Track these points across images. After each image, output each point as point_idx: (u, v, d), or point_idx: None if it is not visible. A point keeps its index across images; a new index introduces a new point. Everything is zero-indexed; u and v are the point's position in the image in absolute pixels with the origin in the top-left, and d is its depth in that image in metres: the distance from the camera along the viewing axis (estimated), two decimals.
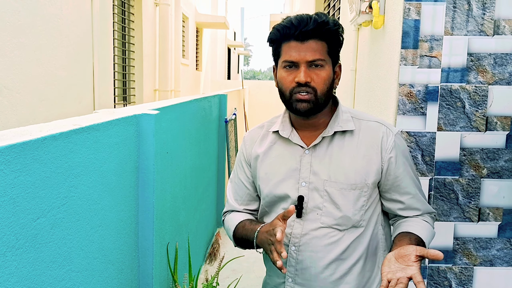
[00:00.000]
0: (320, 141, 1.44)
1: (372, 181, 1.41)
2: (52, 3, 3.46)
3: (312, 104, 1.37)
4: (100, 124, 1.74)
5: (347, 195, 1.40)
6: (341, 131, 1.43)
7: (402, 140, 1.47)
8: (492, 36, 1.90)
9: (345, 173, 1.40)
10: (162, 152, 2.61)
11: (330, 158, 1.42)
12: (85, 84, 4.11)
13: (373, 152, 1.41)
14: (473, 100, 1.93)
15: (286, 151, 1.49)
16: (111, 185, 1.89)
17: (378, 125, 1.45)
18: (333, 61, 1.41)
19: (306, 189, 1.43)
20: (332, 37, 1.38)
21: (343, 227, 1.41)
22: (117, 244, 1.99)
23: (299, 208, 1.42)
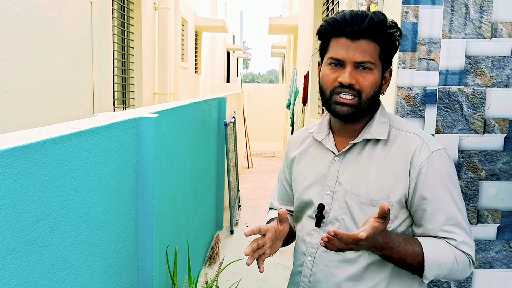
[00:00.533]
0: (350, 148, 1.35)
1: (397, 199, 1.27)
2: (51, 7, 3.47)
3: (354, 109, 1.28)
4: (100, 127, 1.75)
5: (366, 211, 1.28)
6: (374, 139, 1.32)
7: (442, 160, 1.27)
8: (490, 39, 1.91)
9: (367, 187, 1.29)
10: (161, 155, 2.61)
11: (357, 168, 1.32)
12: (84, 88, 4.12)
13: (401, 167, 1.27)
14: (471, 103, 1.94)
15: (319, 155, 1.42)
16: (111, 188, 1.89)
17: (415, 137, 1.30)
18: (384, 66, 1.31)
19: (329, 198, 1.35)
20: (387, 40, 1.28)
21: None
22: (117, 247, 1.99)
23: (318, 216, 1.35)
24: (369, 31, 1.24)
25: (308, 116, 6.01)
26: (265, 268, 1.57)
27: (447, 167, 1.28)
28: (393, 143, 1.31)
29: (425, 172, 1.25)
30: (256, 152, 12.66)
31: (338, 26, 1.26)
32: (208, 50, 13.04)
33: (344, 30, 1.25)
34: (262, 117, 14.38)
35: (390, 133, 1.32)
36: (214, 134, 5.33)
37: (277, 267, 4.70)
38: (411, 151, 1.28)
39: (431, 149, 1.27)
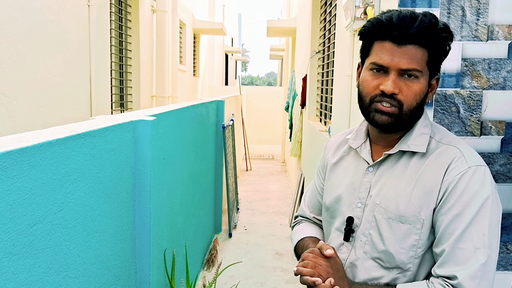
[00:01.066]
0: (384, 159, 1.25)
1: (428, 216, 1.15)
2: (49, 10, 3.48)
3: (394, 119, 1.18)
4: (97, 130, 1.75)
5: (394, 227, 1.18)
6: (410, 151, 1.22)
7: (480, 179, 1.11)
8: (486, 41, 1.92)
9: (397, 201, 1.19)
10: (159, 158, 2.62)
11: (389, 180, 1.23)
12: (82, 91, 4.12)
13: (435, 182, 1.15)
14: (468, 105, 1.95)
15: (354, 164, 1.33)
16: (108, 191, 1.89)
17: (454, 150, 1.18)
18: (432, 73, 1.21)
19: (360, 211, 1.27)
20: (437, 45, 1.17)
21: (386, 264, 1.21)
22: (114, 250, 1.99)
23: (347, 230, 1.28)
24: (418, 35, 1.13)
25: (307, 119, 6.02)
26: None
27: (484, 188, 1.11)
28: (430, 157, 1.19)
29: (453, 189, 1.12)
30: (254, 155, 12.66)
31: (383, 28, 1.16)
32: (206, 53, 13.05)
33: (389, 33, 1.15)
34: (260, 119, 14.39)
35: (429, 145, 1.21)
36: (212, 137, 5.33)
37: (276, 270, 4.70)
38: (446, 164, 1.15)
39: (469, 164, 1.13)
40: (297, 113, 6.84)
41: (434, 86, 1.25)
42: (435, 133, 1.24)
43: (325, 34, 5.08)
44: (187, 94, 9.56)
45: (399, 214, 1.17)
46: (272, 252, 5.26)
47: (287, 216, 6.75)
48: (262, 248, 5.42)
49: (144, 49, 6.20)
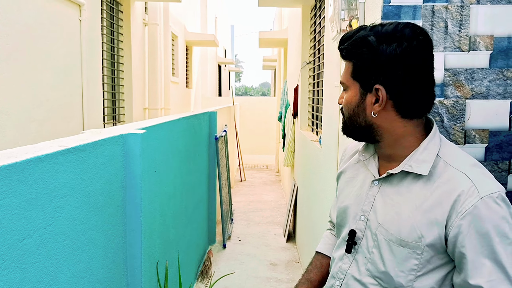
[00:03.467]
0: (389, 176, 1.22)
1: (430, 243, 1.11)
2: (40, 25, 3.50)
3: (344, 126, 1.28)
4: (86, 144, 1.77)
5: (394, 250, 1.16)
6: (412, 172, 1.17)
7: (492, 210, 1.05)
8: (468, 52, 1.96)
9: (399, 224, 1.15)
10: (149, 171, 2.63)
11: (392, 200, 1.19)
12: (74, 105, 4.14)
13: (441, 210, 1.10)
14: (451, 114, 1.98)
15: (363, 174, 1.32)
16: (98, 204, 1.91)
17: (463, 178, 1.10)
18: (362, 84, 1.19)
19: (363, 224, 1.25)
20: (357, 57, 1.17)
21: (385, 284, 1.19)
22: (105, 263, 2.00)
23: (349, 242, 1.27)
24: (344, 51, 1.21)
25: (299, 129, 6.05)
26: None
27: (497, 220, 1.04)
28: (437, 180, 1.13)
29: (466, 225, 1.06)
30: (249, 165, 12.68)
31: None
32: (199, 64, 13.11)
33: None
34: (254, 130, 14.43)
35: (437, 166, 1.15)
36: (205, 148, 5.35)
37: (270, 280, 4.70)
38: (455, 195, 1.08)
39: (481, 194, 1.06)
40: (290, 123, 6.88)
41: (377, 97, 1.17)
42: (444, 152, 1.17)
43: (315, 45, 5.14)
44: (180, 105, 9.59)
45: (400, 238, 1.15)
46: (266, 262, 5.27)
47: (281, 226, 6.76)
48: (256, 258, 5.42)
49: (136, 62, 6.24)
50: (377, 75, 1.15)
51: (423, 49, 1.15)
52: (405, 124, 1.18)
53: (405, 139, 1.19)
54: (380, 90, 1.16)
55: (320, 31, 4.62)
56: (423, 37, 1.16)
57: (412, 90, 1.15)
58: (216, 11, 18.58)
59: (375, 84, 1.16)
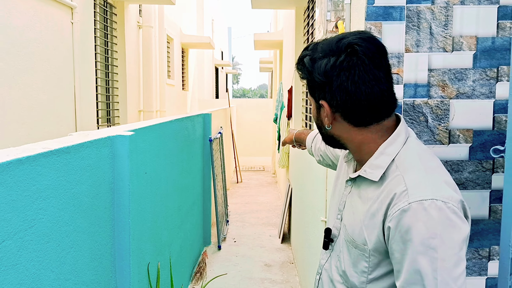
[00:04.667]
0: (356, 178, 1.23)
1: (373, 247, 1.12)
2: (31, 28, 3.51)
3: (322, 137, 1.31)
4: (71, 146, 1.78)
5: (350, 250, 1.19)
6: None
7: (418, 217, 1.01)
8: (451, 52, 1.97)
9: (353, 226, 1.19)
10: (139, 173, 2.64)
11: (354, 202, 1.22)
12: (66, 107, 4.15)
13: (380, 214, 1.10)
14: (436, 114, 1.99)
15: (344, 175, 1.35)
16: (84, 206, 1.91)
17: (400, 181, 1.08)
18: (315, 100, 1.22)
19: (339, 223, 1.29)
20: (303, 76, 1.23)
21: (346, 283, 1.22)
22: (92, 265, 2.00)
23: (326, 240, 1.31)
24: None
25: None
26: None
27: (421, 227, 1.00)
28: (385, 184, 1.12)
29: (394, 228, 1.05)
30: (245, 167, 12.69)
31: None
32: (195, 67, 13.12)
33: None
34: (251, 132, 14.44)
35: (389, 170, 1.14)
36: (199, 150, 5.35)
37: (264, 281, 4.71)
38: (389, 198, 1.08)
39: (410, 199, 1.03)
40: (284, 124, 6.88)
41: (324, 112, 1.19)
42: (400, 155, 1.15)
43: None
44: (176, 108, 9.60)
45: (353, 239, 1.17)
46: (261, 263, 5.27)
47: (276, 227, 6.76)
48: (250, 259, 5.43)
49: (130, 64, 6.24)
50: (319, 91, 1.18)
51: (355, 60, 1.11)
52: (361, 132, 1.18)
53: (365, 145, 1.19)
54: (324, 105, 1.17)
55: (313, 33, 4.63)
56: (357, 48, 1.11)
57: (353, 102, 1.13)
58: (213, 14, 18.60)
59: (320, 100, 1.19)
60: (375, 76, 1.12)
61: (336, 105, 1.15)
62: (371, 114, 1.15)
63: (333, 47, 1.14)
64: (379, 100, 1.13)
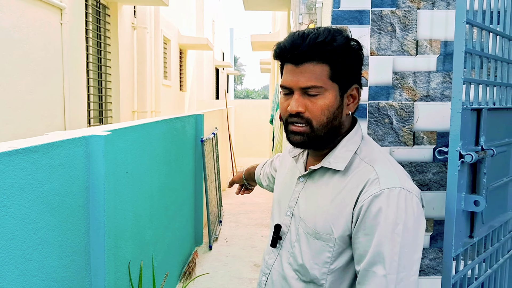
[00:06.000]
0: (311, 172, 1.26)
1: (340, 235, 1.14)
2: (17, 29, 3.56)
3: (307, 137, 1.17)
4: (39, 145, 1.82)
5: (311, 242, 1.20)
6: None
7: (388, 203, 1.07)
8: (415, 55, 2.01)
9: (315, 217, 1.19)
10: (118, 172, 2.68)
11: (312, 195, 1.23)
12: (55, 107, 4.20)
13: (348, 202, 1.14)
14: (400, 116, 2.03)
15: (293, 170, 1.36)
16: (54, 204, 1.95)
17: (371, 170, 1.14)
18: (342, 85, 1.17)
19: (288, 220, 1.29)
20: (337, 58, 1.14)
21: (303, 277, 1.22)
22: (63, 262, 2.04)
23: (274, 237, 1.30)
24: (312, 52, 1.13)
25: None
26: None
27: (390, 214, 1.07)
28: (351, 175, 1.17)
29: (364, 211, 1.09)
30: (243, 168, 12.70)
31: (281, 52, 1.18)
32: (194, 68, 13.17)
33: (286, 55, 1.16)
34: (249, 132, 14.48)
35: (352, 163, 1.18)
36: (190, 151, 5.39)
37: (252, 281, 4.74)
38: (361, 186, 1.13)
39: (382, 186, 1.09)
40: (278, 125, 6.92)
41: (355, 96, 1.21)
42: (362, 149, 1.20)
43: None
44: (173, 108, 9.65)
45: (315, 230, 1.18)
46: (250, 263, 5.30)
47: (269, 228, 6.79)
48: (241, 260, 5.46)
49: (124, 65, 6.30)
50: (351, 75, 1.18)
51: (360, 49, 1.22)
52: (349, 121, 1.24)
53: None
54: (358, 89, 1.21)
55: None
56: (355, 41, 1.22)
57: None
58: (214, 15, 18.65)
59: (353, 84, 1.20)
60: None
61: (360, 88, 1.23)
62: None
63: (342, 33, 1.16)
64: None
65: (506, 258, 1.88)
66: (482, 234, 1.60)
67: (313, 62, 1.13)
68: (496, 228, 1.74)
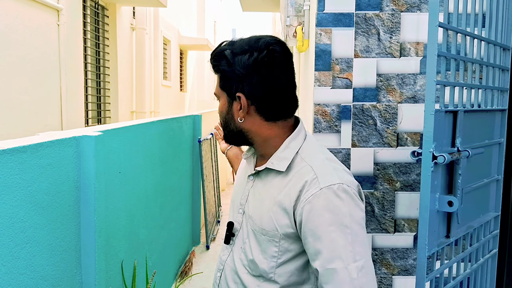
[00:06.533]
0: (259, 172, 1.33)
1: (284, 232, 1.21)
2: (13, 31, 3.60)
3: (224, 136, 1.37)
4: (27, 146, 1.85)
5: (258, 238, 1.27)
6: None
7: (329, 200, 1.14)
8: (399, 58, 2.03)
9: (261, 215, 1.27)
10: (110, 172, 2.71)
11: (259, 194, 1.31)
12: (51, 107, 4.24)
13: (289, 201, 1.20)
14: (384, 118, 2.05)
15: (245, 171, 1.43)
16: (43, 204, 1.99)
17: (309, 170, 1.21)
18: (229, 94, 1.28)
19: (241, 217, 1.35)
20: (221, 69, 1.27)
21: (253, 272, 1.29)
22: (52, 260, 2.08)
23: (228, 234, 1.36)
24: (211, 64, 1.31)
25: None
26: None
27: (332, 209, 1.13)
28: (291, 175, 1.24)
29: (308, 210, 1.15)
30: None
31: None
32: (195, 68, 13.21)
33: None
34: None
35: (294, 162, 1.26)
36: (187, 151, 5.42)
37: None
38: (301, 185, 1.19)
39: (321, 185, 1.15)
40: None
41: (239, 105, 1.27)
42: (303, 149, 1.27)
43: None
44: (173, 109, 9.68)
45: (262, 227, 1.25)
46: None
47: None
48: None
49: (122, 66, 6.34)
50: (237, 84, 1.25)
51: (274, 58, 1.23)
52: (270, 127, 1.28)
53: (272, 140, 1.29)
54: (241, 97, 1.25)
55: None
56: (276, 48, 1.23)
57: (270, 96, 1.24)
58: (215, 16, 18.69)
59: (237, 92, 1.26)
60: (288, 75, 1.27)
61: (253, 98, 1.25)
62: (282, 110, 1.27)
63: (253, 44, 1.24)
64: (290, 97, 1.28)
65: (487, 258, 1.90)
66: (460, 234, 1.62)
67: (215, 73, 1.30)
68: (476, 228, 1.77)
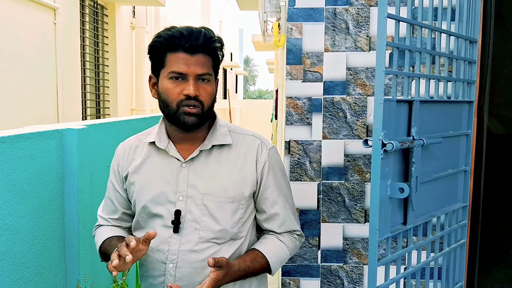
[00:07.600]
0: (197, 155, 1.43)
1: (249, 193, 1.44)
2: (8, 29, 3.70)
3: (199, 119, 1.36)
4: (6, 137, 1.93)
5: (225, 208, 1.41)
6: (218, 144, 1.44)
7: (276, 155, 1.50)
8: (368, 51, 2.08)
9: (223, 186, 1.41)
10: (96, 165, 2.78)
11: (208, 172, 1.42)
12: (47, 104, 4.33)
13: (249, 165, 1.44)
14: (354, 110, 2.10)
15: (162, 163, 1.46)
16: (24, 193, 2.06)
17: (254, 138, 1.49)
18: (215, 75, 1.43)
19: (183, 203, 1.41)
20: (217, 53, 1.41)
21: (221, 240, 1.42)
22: (33, 248, 2.15)
23: (176, 223, 1.40)
24: (204, 45, 1.35)
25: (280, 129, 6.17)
26: None
27: (278, 160, 1.52)
28: (236, 146, 1.47)
29: (267, 168, 1.47)
30: None
31: (175, 41, 1.33)
32: None
33: (182, 45, 1.33)
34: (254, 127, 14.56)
35: (232, 138, 1.47)
36: None
37: None
38: (255, 151, 1.47)
39: (268, 146, 1.50)
40: (274, 124, 7.00)
41: (216, 86, 1.46)
42: (230, 128, 1.51)
43: None
44: None
45: (228, 196, 1.42)
46: None
47: None
48: None
49: (122, 64, 6.43)
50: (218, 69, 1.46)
51: None
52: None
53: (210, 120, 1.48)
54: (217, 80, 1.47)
55: None
56: None
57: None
58: (221, 15, 18.78)
59: (217, 76, 1.45)
60: None
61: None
62: None
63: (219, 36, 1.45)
64: None
65: (454, 247, 1.94)
66: (418, 222, 1.67)
67: (204, 54, 1.37)
68: (439, 217, 1.81)
